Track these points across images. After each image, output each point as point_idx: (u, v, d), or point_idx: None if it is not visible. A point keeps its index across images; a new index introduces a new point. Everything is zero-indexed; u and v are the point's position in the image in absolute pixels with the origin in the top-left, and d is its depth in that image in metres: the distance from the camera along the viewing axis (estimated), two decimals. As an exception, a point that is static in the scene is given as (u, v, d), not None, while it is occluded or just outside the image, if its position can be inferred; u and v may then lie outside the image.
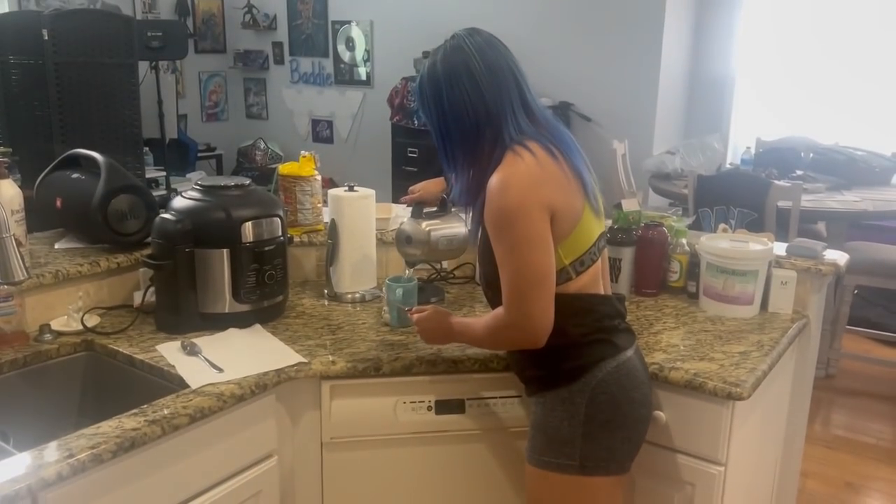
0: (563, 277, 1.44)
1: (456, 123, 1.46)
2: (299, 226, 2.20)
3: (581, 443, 1.43)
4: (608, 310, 1.51)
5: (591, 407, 1.43)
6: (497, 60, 1.45)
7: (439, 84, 1.45)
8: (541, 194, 1.38)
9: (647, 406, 1.51)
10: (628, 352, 1.49)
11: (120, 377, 1.70)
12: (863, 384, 3.80)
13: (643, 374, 1.52)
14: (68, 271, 1.84)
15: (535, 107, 1.49)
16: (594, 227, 1.50)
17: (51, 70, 3.59)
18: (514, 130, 1.43)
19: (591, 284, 1.50)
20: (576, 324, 1.46)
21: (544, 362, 1.47)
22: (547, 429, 1.47)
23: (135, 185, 1.99)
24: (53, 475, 1.20)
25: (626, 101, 4.87)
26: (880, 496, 2.85)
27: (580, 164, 1.48)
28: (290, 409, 1.67)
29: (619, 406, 1.45)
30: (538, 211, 1.38)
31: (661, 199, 4.37)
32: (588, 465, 1.44)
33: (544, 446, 1.47)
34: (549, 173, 1.41)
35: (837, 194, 3.84)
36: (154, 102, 4.89)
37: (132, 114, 3.88)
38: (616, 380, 1.45)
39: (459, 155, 1.49)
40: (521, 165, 1.40)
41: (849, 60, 4.66)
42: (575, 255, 1.45)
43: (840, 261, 1.99)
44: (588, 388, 1.43)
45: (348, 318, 1.93)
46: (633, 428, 1.48)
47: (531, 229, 1.37)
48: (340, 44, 6.10)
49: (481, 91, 1.43)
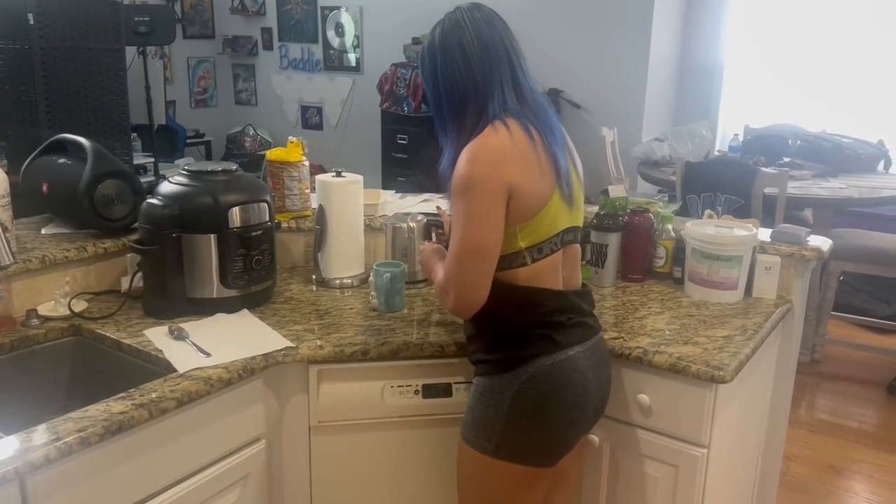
0: (518, 261, 1.45)
1: (447, 95, 1.49)
2: (287, 211, 2.20)
3: (501, 429, 1.44)
4: (559, 305, 1.48)
5: (517, 399, 1.43)
6: (492, 37, 1.46)
7: (435, 57, 1.49)
8: (503, 172, 1.39)
9: (580, 408, 1.47)
10: (572, 350, 1.46)
11: (107, 362, 1.70)
12: (847, 369, 3.84)
13: (587, 375, 1.47)
14: (55, 256, 1.84)
15: (525, 88, 1.49)
16: (561, 217, 1.48)
17: (37, 55, 3.55)
18: (499, 107, 1.44)
19: (546, 276, 1.48)
20: (518, 316, 1.46)
21: (484, 348, 1.50)
22: (475, 409, 1.50)
23: (121, 170, 1.98)
24: (41, 458, 1.21)
25: (616, 89, 4.88)
26: (863, 479, 2.90)
27: (558, 150, 1.48)
28: (277, 394, 1.68)
29: (546, 404, 1.44)
30: (494, 188, 1.38)
31: (650, 185, 4.38)
32: (502, 451, 1.45)
33: (470, 424, 1.50)
34: (519, 152, 1.42)
35: (823, 181, 3.87)
36: (142, 88, 4.86)
37: (119, 99, 3.85)
38: (548, 377, 1.43)
39: (449, 126, 1.51)
40: (492, 139, 1.41)
41: (836, 49, 4.68)
42: (533, 241, 1.44)
43: (823, 246, 2.01)
44: (518, 381, 1.43)
45: (336, 303, 1.94)
46: (558, 427, 1.46)
47: (481, 204, 1.39)
48: (330, 29, 6.07)
49: (472, 67, 1.45)
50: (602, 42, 4.87)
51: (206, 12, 6.55)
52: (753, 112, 4.92)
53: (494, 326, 1.48)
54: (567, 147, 1.55)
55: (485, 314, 1.47)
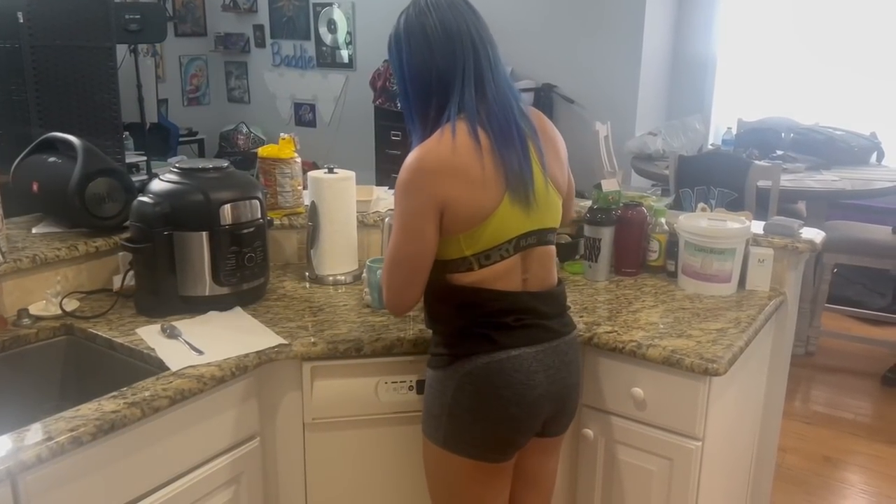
0: (463, 266, 1.43)
1: (412, 85, 1.47)
2: (279, 208, 2.20)
3: (446, 421, 1.46)
4: (504, 306, 1.44)
5: (458, 393, 1.44)
6: (458, 25, 1.42)
7: (400, 45, 1.47)
8: (437, 185, 1.37)
9: (519, 406, 1.43)
10: (516, 350, 1.43)
11: (100, 361, 1.70)
12: (842, 361, 3.85)
13: (535, 377, 1.43)
14: (46, 256, 1.83)
15: (488, 81, 1.43)
16: (513, 223, 1.43)
17: (27, 53, 3.54)
18: (457, 106, 1.41)
19: (498, 279, 1.44)
20: (461, 315, 1.46)
21: (434, 342, 1.52)
22: (426, 401, 1.52)
23: (112, 168, 1.97)
24: (33, 458, 1.20)
25: (609, 83, 4.88)
26: (857, 470, 2.91)
27: (510, 154, 1.41)
28: (271, 391, 1.67)
29: (484, 400, 1.43)
30: (425, 201, 1.38)
31: (643, 179, 4.38)
32: (449, 443, 1.46)
33: (424, 415, 1.52)
34: (458, 163, 1.38)
35: (817, 174, 3.87)
36: (134, 86, 4.83)
37: (111, 98, 3.84)
38: (485, 375, 1.42)
39: (416, 118, 1.49)
40: (433, 149, 1.39)
41: (828, 42, 4.68)
42: (478, 249, 1.42)
43: (816, 239, 2.02)
44: (457, 375, 1.44)
45: (329, 300, 1.94)
46: (498, 423, 1.44)
47: (410, 217, 1.40)
48: (322, 26, 6.05)
49: (434, 54, 1.42)
50: (595, 37, 4.86)
51: (198, 10, 6.53)
52: (746, 105, 4.92)
53: (441, 324, 1.50)
54: (530, 145, 1.46)
55: (434, 312, 1.51)
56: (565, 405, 1.53)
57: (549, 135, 1.54)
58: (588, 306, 1.88)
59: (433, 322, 1.54)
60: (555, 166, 1.52)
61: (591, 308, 1.87)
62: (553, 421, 1.53)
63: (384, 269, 1.49)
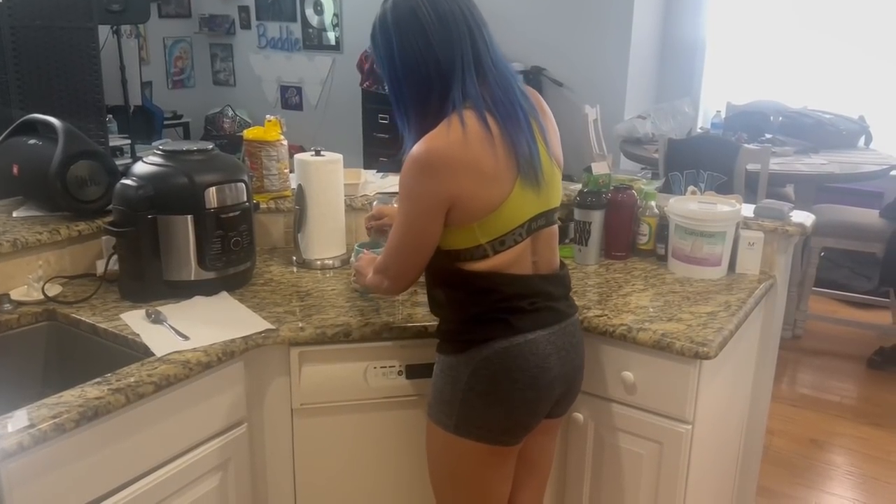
0: (478, 254, 1.41)
1: (407, 77, 1.39)
2: (266, 192, 2.17)
3: (459, 406, 1.44)
4: (519, 290, 1.43)
5: (473, 378, 1.42)
6: (450, 8, 1.36)
7: (389, 33, 1.39)
8: (446, 183, 1.34)
9: (535, 389, 1.43)
10: (532, 334, 1.42)
11: (83, 347, 1.67)
12: (829, 344, 3.87)
13: (549, 359, 1.44)
14: (27, 240, 1.80)
15: (488, 65, 1.39)
16: (526, 206, 1.41)
17: (7, 34, 3.47)
18: (461, 94, 1.36)
19: (512, 264, 1.42)
20: (475, 301, 1.44)
21: (445, 329, 1.50)
22: (436, 386, 1.50)
23: (94, 150, 1.93)
24: (14, 445, 1.18)
25: (598, 67, 4.85)
26: (843, 451, 2.93)
27: (519, 136, 1.39)
28: (259, 377, 1.66)
29: (499, 384, 1.42)
30: (431, 200, 1.35)
31: (633, 163, 4.37)
32: (461, 427, 1.45)
33: (433, 400, 1.51)
34: (470, 158, 1.34)
35: (805, 157, 3.87)
36: (117, 69, 4.76)
37: (93, 80, 3.77)
38: (501, 360, 1.41)
39: (412, 112, 1.43)
40: (442, 142, 1.33)
41: (817, 25, 4.68)
42: (494, 235, 1.39)
43: (806, 222, 2.01)
44: (473, 361, 1.42)
45: (317, 284, 1.91)
46: (512, 406, 1.44)
47: (413, 214, 1.39)
48: (308, 7, 5.98)
49: (431, 42, 1.35)
50: (584, 19, 4.83)
51: (182, -9, 6.43)
52: (735, 89, 4.92)
53: (454, 311, 1.48)
54: (533, 124, 1.44)
55: (447, 299, 1.48)
56: (573, 386, 1.55)
57: (547, 112, 1.53)
58: (578, 290, 1.87)
59: (442, 309, 1.51)
60: (555, 143, 1.51)
61: (581, 292, 1.86)
62: (560, 402, 1.54)
63: (383, 255, 1.49)
